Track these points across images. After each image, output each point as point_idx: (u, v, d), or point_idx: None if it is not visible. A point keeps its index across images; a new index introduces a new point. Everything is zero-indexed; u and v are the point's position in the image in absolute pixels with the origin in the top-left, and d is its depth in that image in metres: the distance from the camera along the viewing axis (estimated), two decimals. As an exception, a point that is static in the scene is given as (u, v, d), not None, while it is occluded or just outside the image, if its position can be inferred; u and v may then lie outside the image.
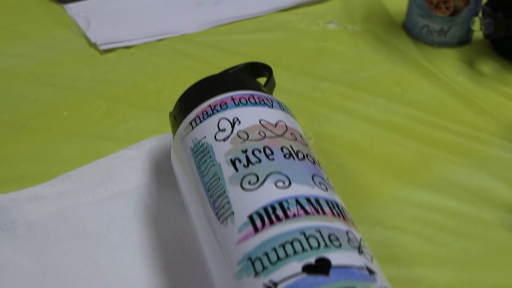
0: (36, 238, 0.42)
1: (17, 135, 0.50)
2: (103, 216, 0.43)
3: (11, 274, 0.40)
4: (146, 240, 0.42)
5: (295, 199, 0.34)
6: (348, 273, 0.31)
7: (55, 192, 0.44)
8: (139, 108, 0.53)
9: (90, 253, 0.41)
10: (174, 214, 0.43)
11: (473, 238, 0.45)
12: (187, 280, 0.40)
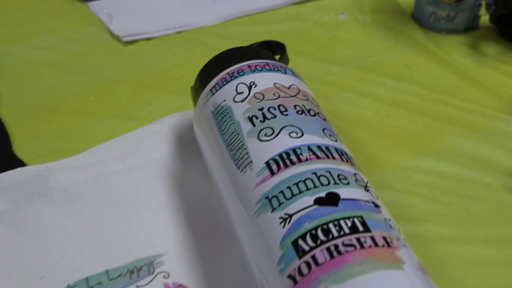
0: (72, 201, 0.48)
1: (50, 117, 0.57)
2: (132, 182, 0.49)
3: (50, 232, 0.46)
4: (172, 202, 0.48)
5: (307, 146, 0.41)
6: (355, 205, 0.37)
7: (87, 162, 0.51)
8: (161, 92, 0.60)
9: (121, 213, 0.47)
10: (197, 180, 0.50)
11: (476, 199, 0.51)
12: (211, 235, 0.46)
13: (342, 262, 0.34)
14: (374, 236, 0.35)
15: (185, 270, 0.43)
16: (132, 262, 0.44)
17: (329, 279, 0.33)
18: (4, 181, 0.48)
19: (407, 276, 0.34)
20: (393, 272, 0.33)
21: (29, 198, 0.47)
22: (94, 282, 0.42)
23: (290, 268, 0.35)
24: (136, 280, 0.43)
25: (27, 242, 0.45)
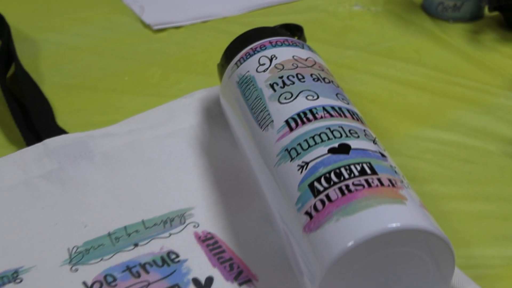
0: (111, 163, 0.53)
1: (88, 93, 0.62)
2: (164, 148, 0.54)
3: (92, 188, 0.51)
4: (200, 164, 0.53)
5: (322, 107, 0.45)
6: (364, 153, 0.42)
7: (124, 130, 0.56)
8: (189, 73, 0.65)
9: (155, 174, 0.52)
10: (223, 146, 0.54)
11: (478, 163, 0.55)
12: (236, 192, 0.50)
13: (352, 198, 0.38)
14: (381, 178, 0.39)
15: (213, 221, 0.48)
16: (166, 214, 0.48)
17: (340, 212, 0.38)
18: (50, 145, 0.53)
19: (408, 209, 0.38)
20: (396, 206, 0.38)
21: (72, 160, 0.52)
22: (132, 230, 0.47)
23: (306, 206, 0.39)
24: (169, 229, 0.47)
25: (71, 197, 0.49)
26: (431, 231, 0.37)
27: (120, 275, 0.44)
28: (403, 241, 0.37)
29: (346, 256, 0.36)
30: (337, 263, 0.36)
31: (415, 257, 0.38)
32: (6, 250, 0.45)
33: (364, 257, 0.37)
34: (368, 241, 0.36)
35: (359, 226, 0.37)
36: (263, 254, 0.45)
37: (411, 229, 0.37)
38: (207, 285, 0.43)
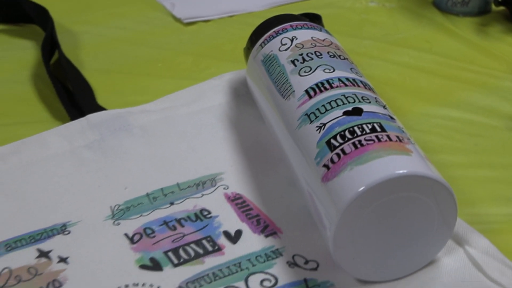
0: (147, 135, 0.58)
1: (124, 78, 0.67)
2: (196, 122, 0.59)
3: (130, 156, 0.56)
4: (229, 136, 0.58)
5: (337, 78, 0.50)
6: (375, 115, 0.47)
7: (159, 107, 0.61)
8: (218, 60, 0.70)
9: (188, 144, 0.57)
10: (249, 121, 0.59)
11: (483, 137, 0.59)
12: (262, 160, 0.55)
13: (364, 151, 0.43)
14: (389, 135, 0.44)
15: (241, 184, 0.53)
16: (198, 178, 0.53)
17: (354, 163, 0.42)
18: (92, 119, 0.58)
19: (414, 159, 0.43)
20: (402, 156, 0.42)
21: (112, 132, 0.57)
22: (168, 191, 0.52)
23: (324, 160, 0.44)
24: (201, 190, 0.52)
25: (112, 163, 0.55)
26: (434, 178, 0.42)
27: (158, 228, 0.49)
28: (409, 187, 0.41)
29: (358, 199, 0.41)
30: (351, 206, 0.41)
31: (421, 202, 0.42)
32: (55, 207, 0.50)
33: (374, 200, 0.41)
34: (377, 186, 0.41)
35: (370, 173, 0.41)
36: (287, 211, 0.50)
37: (416, 175, 0.41)
38: (236, 237, 0.48)
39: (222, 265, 0.46)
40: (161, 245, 0.47)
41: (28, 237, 0.48)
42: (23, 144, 0.56)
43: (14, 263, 0.46)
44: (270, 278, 0.45)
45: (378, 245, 0.43)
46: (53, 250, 0.47)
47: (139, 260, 0.46)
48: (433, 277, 0.44)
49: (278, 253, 0.46)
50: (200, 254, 0.47)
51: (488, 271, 0.43)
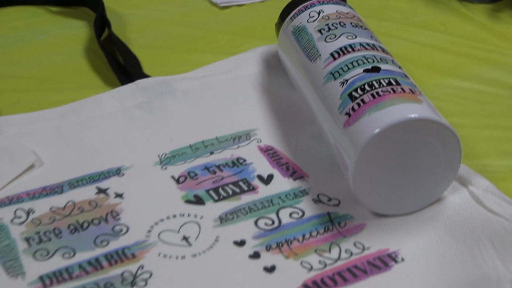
0: (189, 98, 0.65)
1: (167, 52, 0.74)
2: (232, 88, 0.66)
3: (175, 115, 0.63)
4: (262, 100, 0.65)
5: (359, 43, 0.57)
6: (392, 73, 0.53)
7: (199, 75, 0.68)
8: (251, 38, 0.77)
9: (225, 106, 0.64)
10: (280, 87, 0.66)
11: (490, 103, 0.66)
12: (291, 119, 0.62)
13: (380, 100, 0.50)
14: (403, 88, 0.51)
15: (272, 138, 0.60)
16: (234, 133, 0.60)
17: (371, 110, 0.49)
18: (141, 84, 0.65)
19: (424, 107, 0.49)
20: (414, 104, 0.49)
21: (158, 95, 0.64)
22: (208, 143, 0.59)
23: (346, 109, 0.51)
24: (238, 143, 0.59)
25: (158, 121, 0.62)
26: (442, 122, 0.48)
27: (200, 172, 0.56)
28: (419, 130, 0.48)
29: (374, 140, 0.48)
30: (367, 145, 0.48)
31: (429, 145, 0.49)
32: (110, 155, 0.58)
33: (388, 141, 0.48)
34: (391, 128, 0.47)
35: (384, 117, 0.48)
36: (313, 160, 0.57)
37: (425, 119, 0.48)
38: (268, 180, 0.55)
39: (256, 201, 0.53)
40: (203, 185, 0.54)
41: (88, 177, 0.55)
42: (80, 104, 0.63)
43: (77, 197, 0.53)
44: (298, 211, 0.51)
45: (392, 182, 0.49)
46: (109, 188, 0.54)
47: (184, 197, 0.53)
48: (440, 211, 0.50)
49: (305, 192, 0.53)
50: (237, 192, 0.53)
51: (487, 204, 0.49)
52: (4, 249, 0.48)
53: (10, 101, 0.65)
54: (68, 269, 0.47)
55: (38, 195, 0.53)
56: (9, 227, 0.50)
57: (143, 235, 0.49)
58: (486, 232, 0.47)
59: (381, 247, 0.48)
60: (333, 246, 0.48)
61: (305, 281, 0.46)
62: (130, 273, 0.46)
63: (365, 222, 0.50)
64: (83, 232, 0.50)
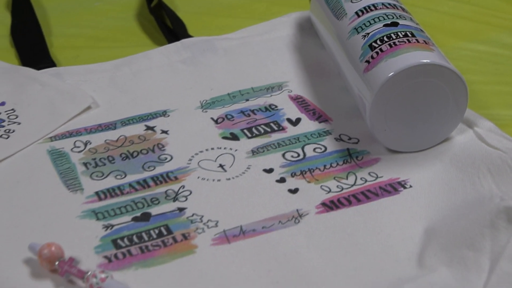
0: (229, 55, 0.71)
1: (210, 18, 0.81)
2: (267, 47, 0.72)
3: (216, 69, 0.69)
4: (295, 57, 0.71)
5: (381, 3, 0.63)
6: (408, 27, 0.58)
7: (238, 36, 0.74)
8: (288, 6, 0.83)
9: (261, 62, 0.70)
10: (311, 47, 0.72)
11: (504, 64, 0.71)
12: (319, 74, 0.69)
13: (396, 48, 0.56)
14: (418, 39, 0.57)
15: (302, 89, 0.66)
16: (268, 84, 0.67)
17: (388, 56, 0.56)
18: (185, 42, 0.72)
19: (435, 54, 0.55)
20: (426, 52, 0.56)
21: (201, 52, 0.71)
22: (244, 92, 0.66)
23: (366, 57, 0.57)
24: (271, 92, 0.66)
25: (201, 73, 0.69)
26: (451, 68, 0.54)
27: (236, 115, 0.63)
28: (429, 74, 0.54)
29: (389, 81, 0.54)
30: (383, 86, 0.54)
31: (438, 88, 0.55)
32: (157, 100, 0.65)
33: (402, 83, 0.54)
34: (404, 70, 0.54)
35: (399, 62, 0.55)
36: (337, 108, 0.63)
37: (435, 64, 0.54)
38: (296, 122, 0.62)
39: (285, 138, 0.60)
40: (238, 125, 0.61)
41: (137, 117, 0.63)
42: (132, 59, 0.70)
43: (128, 132, 0.61)
44: (321, 147, 0.58)
45: (404, 121, 0.56)
46: (156, 126, 0.61)
47: (221, 134, 0.60)
48: (447, 148, 0.57)
49: (328, 133, 0.60)
50: (268, 131, 0.60)
51: (489, 141, 0.56)
52: (65, 171, 0.56)
53: (69, 56, 0.73)
54: (120, 187, 0.54)
55: (94, 130, 0.60)
56: (69, 154, 0.58)
57: (185, 162, 0.57)
58: (485, 162, 0.53)
59: (393, 176, 0.55)
60: (350, 175, 0.55)
61: (324, 200, 0.52)
62: (173, 191, 0.53)
63: (380, 157, 0.57)
64: (133, 159, 0.57)
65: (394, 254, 0.48)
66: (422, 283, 0.44)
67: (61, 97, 0.63)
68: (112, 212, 0.51)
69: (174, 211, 0.51)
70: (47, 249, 0.45)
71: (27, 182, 0.54)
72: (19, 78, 0.65)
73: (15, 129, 0.60)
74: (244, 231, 0.50)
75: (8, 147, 0.57)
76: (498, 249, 0.44)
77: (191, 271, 0.47)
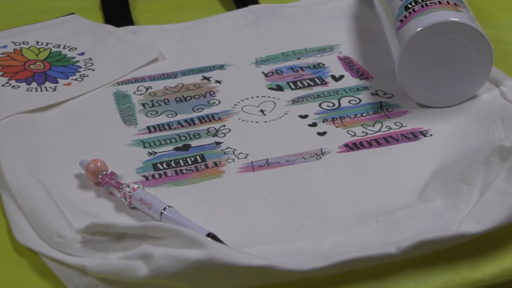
0: (290, 20, 0.75)
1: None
2: (327, 14, 0.76)
3: (276, 32, 0.74)
4: (350, 24, 0.76)
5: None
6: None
7: (301, 5, 0.79)
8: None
9: (318, 26, 0.75)
10: (366, 15, 0.77)
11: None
12: (370, 38, 0.73)
13: (427, 8, 0.60)
14: (448, 1, 0.61)
15: (351, 51, 0.70)
16: (321, 46, 0.71)
17: (418, 15, 0.59)
18: (253, 8, 0.77)
19: (463, 15, 0.59)
20: (454, 12, 0.59)
21: (265, 17, 0.76)
22: (298, 52, 0.71)
23: (400, 17, 0.61)
24: (322, 53, 0.71)
25: (261, 34, 0.74)
26: (476, 28, 0.57)
27: (285, 70, 0.68)
28: (455, 31, 0.58)
29: (416, 36, 0.58)
30: (411, 40, 0.58)
31: (464, 46, 0.58)
32: (217, 56, 0.71)
33: (428, 38, 0.58)
34: (430, 26, 0.57)
35: (427, 19, 0.58)
36: (380, 68, 0.67)
37: (461, 23, 0.57)
38: (339, 78, 0.66)
39: (324, 91, 0.64)
40: (285, 79, 0.66)
41: (197, 69, 0.69)
42: (202, 21, 0.77)
43: (185, 81, 0.67)
44: (355, 99, 0.63)
45: (432, 76, 0.59)
46: (212, 77, 0.67)
47: (268, 85, 0.66)
48: (472, 105, 0.60)
49: (366, 88, 0.64)
50: (311, 84, 0.65)
51: (509, 97, 0.58)
52: (125, 109, 0.63)
53: (148, 18, 0.80)
54: (169, 123, 0.60)
55: (157, 78, 0.67)
56: (131, 96, 0.64)
57: (230, 106, 0.62)
58: (500, 115, 0.56)
59: (416, 126, 0.58)
60: (377, 123, 0.59)
61: (347, 142, 0.57)
62: (214, 128, 0.59)
63: (409, 110, 0.61)
64: (185, 102, 0.63)
65: (399, 188, 0.52)
66: (416, 210, 0.48)
67: (132, 49, 0.70)
68: (158, 143, 0.58)
69: (211, 144, 0.57)
70: (93, 164, 0.52)
71: (91, 115, 0.61)
72: (101, 33, 0.73)
73: (89, 74, 0.67)
74: (269, 163, 0.55)
75: (80, 88, 0.65)
76: (488, 182, 0.48)
77: (215, 191, 0.52)
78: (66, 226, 0.46)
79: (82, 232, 0.46)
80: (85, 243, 0.45)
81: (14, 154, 0.54)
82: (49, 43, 0.71)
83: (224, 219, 0.49)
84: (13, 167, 0.53)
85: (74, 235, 0.46)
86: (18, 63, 0.67)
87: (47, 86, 0.64)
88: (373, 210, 0.49)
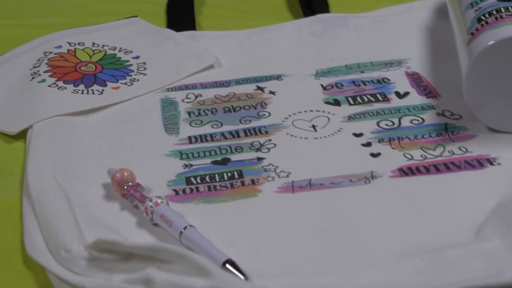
0: (359, 31, 0.69)
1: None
2: (398, 26, 0.69)
3: (342, 43, 0.68)
4: (423, 37, 0.69)
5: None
6: None
7: (372, 15, 0.72)
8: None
9: (388, 37, 0.68)
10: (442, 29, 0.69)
11: None
12: (443, 52, 0.66)
13: (501, 21, 0.53)
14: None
15: (421, 67, 0.64)
16: (388, 60, 0.65)
17: (491, 28, 0.52)
18: (320, 16, 0.71)
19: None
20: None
21: (333, 26, 0.70)
22: (362, 65, 0.65)
23: (472, 29, 0.54)
24: (388, 67, 0.64)
25: (325, 44, 0.68)
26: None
27: (346, 84, 0.62)
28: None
29: (487, 50, 0.51)
30: (481, 54, 0.51)
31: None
32: (276, 64, 0.65)
33: (501, 54, 0.51)
34: (505, 40, 0.51)
35: (500, 32, 0.51)
36: (450, 86, 0.60)
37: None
38: (404, 95, 0.60)
39: (385, 108, 0.58)
40: (345, 93, 0.60)
41: (252, 78, 0.64)
42: (265, 29, 0.72)
43: (238, 90, 0.62)
44: (418, 119, 0.56)
45: (504, 96, 0.52)
46: (267, 87, 0.62)
47: (325, 99, 0.60)
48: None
49: (432, 107, 0.57)
50: (372, 101, 0.59)
51: None
52: (170, 116, 0.58)
53: (213, 23, 0.75)
54: (212, 134, 0.55)
55: (209, 86, 0.62)
56: (179, 103, 0.60)
57: (280, 119, 0.57)
58: None
59: (483, 152, 0.51)
60: (439, 147, 0.52)
61: (402, 166, 0.50)
62: (259, 143, 0.54)
63: (477, 134, 0.53)
64: (234, 113, 0.58)
65: (453, 223, 0.45)
66: (469, 250, 0.41)
67: (188, 55, 0.65)
68: (196, 154, 0.53)
69: (252, 159, 0.52)
70: (120, 173, 0.47)
71: (133, 121, 0.57)
72: (158, 37, 0.69)
73: (140, 78, 0.63)
74: (312, 184, 0.49)
75: (128, 93, 0.61)
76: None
77: (246, 211, 0.47)
78: (76, 240, 0.42)
79: (89, 248, 0.41)
80: (91, 261, 0.40)
81: (42, 157, 0.51)
82: (105, 45, 0.67)
83: (250, 243, 0.44)
84: (37, 171, 0.49)
85: (81, 251, 0.41)
86: (69, 64, 0.64)
87: (94, 89, 0.60)
88: (419, 246, 0.42)
